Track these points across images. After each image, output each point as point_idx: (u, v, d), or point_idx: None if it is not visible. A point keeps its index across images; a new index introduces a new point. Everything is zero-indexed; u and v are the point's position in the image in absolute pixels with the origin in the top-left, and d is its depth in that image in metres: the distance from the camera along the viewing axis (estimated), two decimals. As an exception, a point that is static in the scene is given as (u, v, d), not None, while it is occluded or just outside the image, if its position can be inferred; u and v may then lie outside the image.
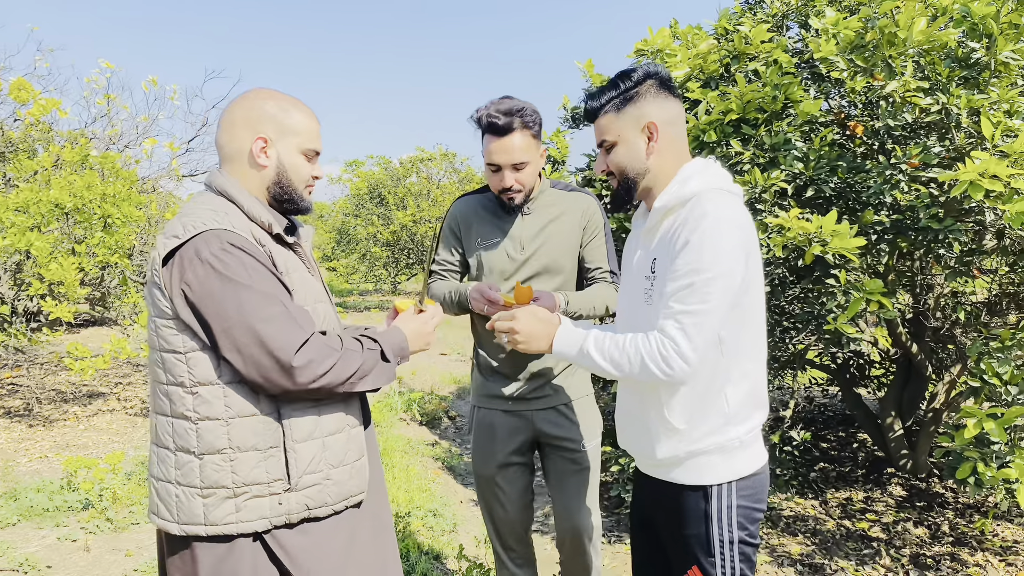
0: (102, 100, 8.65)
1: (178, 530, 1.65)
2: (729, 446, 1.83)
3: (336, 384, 1.65)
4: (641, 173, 1.88)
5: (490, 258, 2.61)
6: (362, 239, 17.17)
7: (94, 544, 3.95)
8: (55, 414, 6.59)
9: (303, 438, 1.68)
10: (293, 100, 1.80)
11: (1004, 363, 2.98)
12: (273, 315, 1.59)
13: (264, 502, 1.65)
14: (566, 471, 2.68)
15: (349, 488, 1.76)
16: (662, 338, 1.72)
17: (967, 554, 3.76)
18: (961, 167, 2.58)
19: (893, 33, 2.92)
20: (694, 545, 1.87)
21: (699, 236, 1.70)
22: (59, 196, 5.65)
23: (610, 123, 1.88)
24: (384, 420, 6.31)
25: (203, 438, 1.63)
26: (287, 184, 1.78)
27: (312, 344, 1.61)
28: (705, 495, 1.85)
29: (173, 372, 1.64)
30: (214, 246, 1.59)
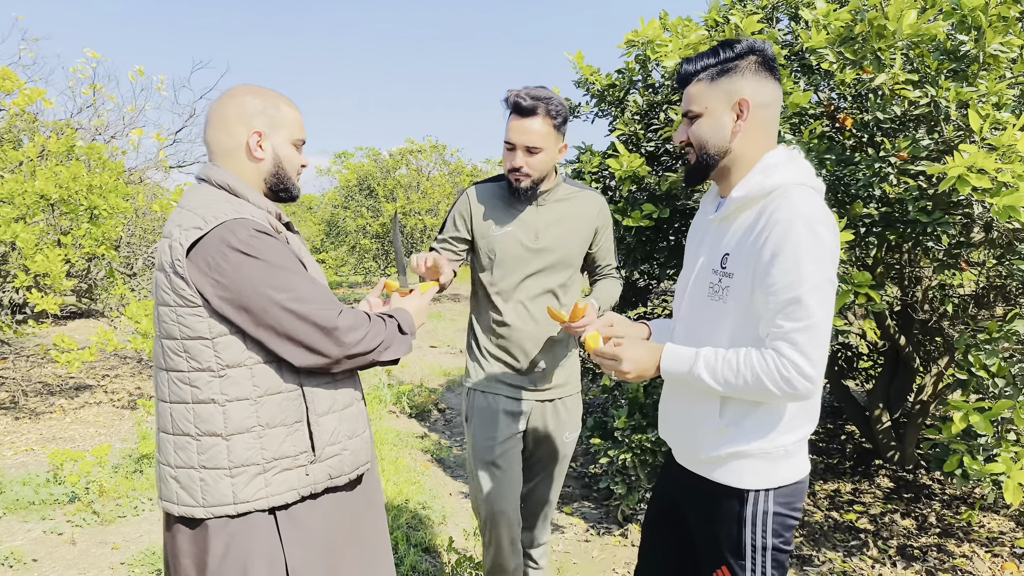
0: (88, 90, 8.57)
1: (204, 513, 1.71)
2: (775, 453, 1.79)
3: (367, 352, 1.76)
4: (722, 152, 1.79)
5: (503, 245, 2.64)
6: (351, 231, 17.09)
7: (80, 537, 3.93)
8: (41, 407, 6.54)
9: (324, 411, 1.79)
10: (278, 94, 1.90)
11: (991, 355, 2.99)
12: (310, 292, 1.69)
13: (292, 475, 1.75)
14: (545, 457, 2.84)
15: (361, 457, 1.89)
16: (780, 359, 1.64)
17: (954, 545, 3.78)
18: (950, 160, 2.58)
19: (882, 25, 2.92)
20: (725, 546, 1.84)
21: (794, 245, 1.61)
22: (45, 187, 5.59)
23: (700, 92, 1.78)
24: (374, 412, 6.30)
25: (231, 419, 1.70)
26: (283, 174, 1.88)
27: (347, 312, 1.73)
28: (741, 499, 1.81)
29: (199, 358, 1.70)
30: (242, 234, 1.66)
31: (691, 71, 1.81)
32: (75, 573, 3.56)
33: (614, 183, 4.15)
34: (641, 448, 3.81)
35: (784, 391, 1.66)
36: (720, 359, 1.73)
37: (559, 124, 2.53)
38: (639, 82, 4.29)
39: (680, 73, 1.84)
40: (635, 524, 4.09)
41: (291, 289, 1.67)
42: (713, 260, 1.82)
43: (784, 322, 1.64)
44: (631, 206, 3.82)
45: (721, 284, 1.77)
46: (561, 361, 2.75)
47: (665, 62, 3.76)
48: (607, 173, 4.13)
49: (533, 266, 2.64)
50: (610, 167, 3.74)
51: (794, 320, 1.63)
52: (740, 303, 1.73)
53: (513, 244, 2.64)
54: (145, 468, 4.80)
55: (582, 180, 4.18)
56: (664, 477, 2.14)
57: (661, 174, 4.08)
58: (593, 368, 4.93)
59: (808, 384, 1.65)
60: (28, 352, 8.58)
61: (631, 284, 4.90)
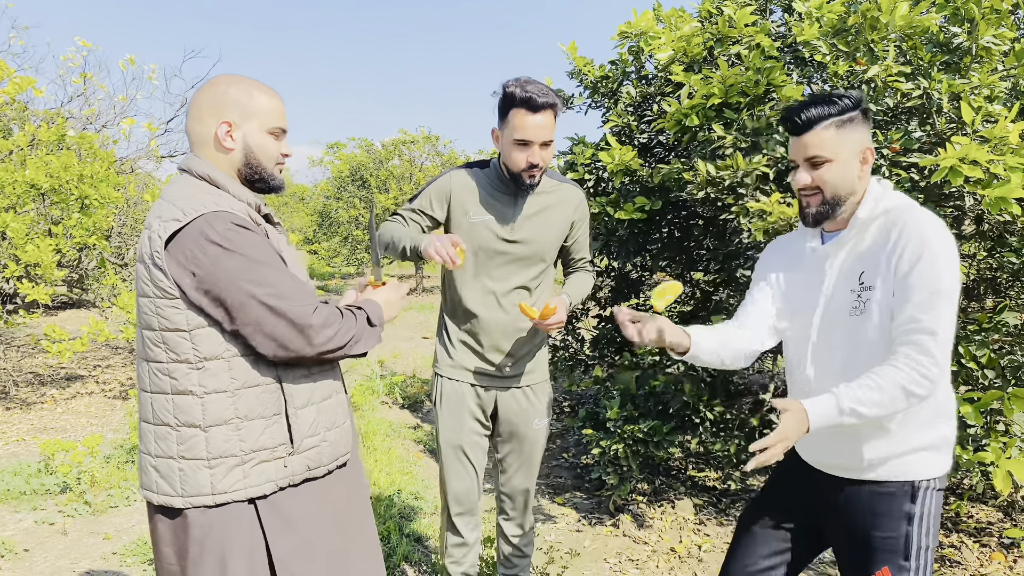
0: (79, 79, 8.52)
1: (182, 503, 1.72)
2: (938, 443, 1.89)
3: (339, 347, 1.75)
4: (849, 194, 1.91)
5: (478, 234, 2.63)
6: (344, 222, 17.06)
7: (72, 527, 3.93)
8: (32, 397, 6.52)
9: (302, 404, 1.79)
10: (256, 83, 1.86)
11: (981, 347, 3.01)
12: (285, 287, 1.69)
13: (270, 466, 1.75)
14: (517, 446, 2.84)
15: (340, 448, 1.89)
16: (917, 357, 1.74)
17: (942, 535, 3.81)
18: (942, 152, 2.59)
19: (875, 17, 2.92)
20: (888, 548, 1.87)
21: (932, 251, 1.76)
22: (35, 176, 5.56)
23: (828, 139, 1.88)
24: (366, 403, 6.30)
25: (209, 411, 1.70)
26: (256, 164, 1.85)
27: (322, 309, 1.72)
28: (912, 494, 1.87)
29: (177, 350, 1.70)
30: (220, 227, 1.65)
31: (813, 118, 1.89)
32: (67, 563, 3.56)
33: (607, 175, 4.14)
34: (633, 439, 3.82)
35: (926, 389, 1.75)
36: (861, 389, 1.77)
37: (557, 117, 2.54)
38: (632, 73, 4.29)
39: (799, 120, 1.91)
40: (627, 515, 4.10)
41: (268, 284, 1.67)
42: (849, 281, 1.92)
43: (920, 312, 1.75)
44: (624, 198, 3.82)
45: (861, 299, 1.88)
46: (529, 349, 2.75)
47: (658, 54, 3.76)
48: (600, 165, 4.13)
49: (506, 258, 2.64)
50: (602, 160, 3.74)
51: (931, 310, 1.75)
52: (883, 309, 1.84)
53: (487, 234, 2.62)
54: (136, 458, 4.80)
55: (575, 172, 4.18)
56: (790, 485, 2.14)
57: (654, 166, 4.08)
58: (585, 360, 4.94)
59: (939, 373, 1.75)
60: (19, 342, 8.55)
61: (624, 276, 4.91)
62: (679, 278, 4.83)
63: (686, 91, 3.46)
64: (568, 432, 5.67)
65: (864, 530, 1.91)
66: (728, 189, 3.27)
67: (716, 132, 3.30)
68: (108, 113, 8.97)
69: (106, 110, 8.96)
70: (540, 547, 3.77)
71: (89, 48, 8.59)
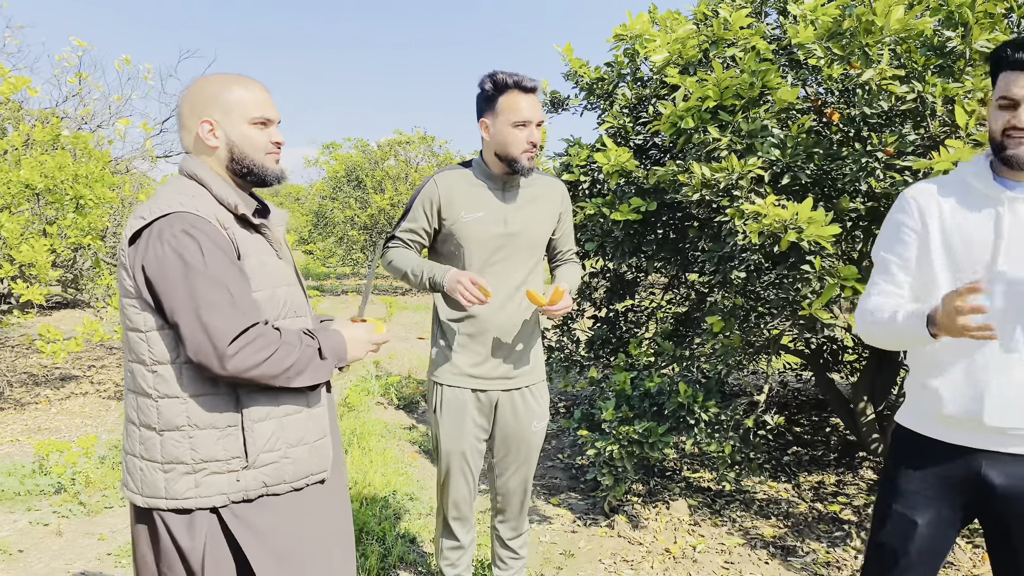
0: (74, 79, 8.50)
1: (142, 502, 1.73)
2: None
3: (270, 376, 1.68)
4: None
5: (474, 232, 2.63)
6: (339, 222, 17.02)
7: (67, 528, 3.92)
8: (27, 397, 6.51)
9: (260, 417, 1.74)
10: (234, 77, 1.83)
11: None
12: (218, 301, 1.63)
13: (222, 479, 1.71)
14: (515, 448, 2.83)
15: (308, 467, 1.82)
16: None
17: (935, 536, 3.82)
18: (936, 155, 2.60)
19: (870, 21, 2.93)
20: None
21: None
22: (30, 176, 5.55)
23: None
24: (361, 404, 6.30)
25: (163, 415, 1.70)
26: (242, 158, 1.82)
27: (249, 334, 1.65)
28: None
29: (136, 350, 1.71)
30: (176, 228, 1.65)
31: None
32: (61, 564, 3.55)
33: (602, 176, 4.16)
34: (628, 440, 3.83)
35: None
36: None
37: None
38: (628, 75, 4.30)
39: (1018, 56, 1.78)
40: (622, 515, 4.11)
41: (202, 293, 1.62)
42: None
43: None
44: (619, 199, 3.83)
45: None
46: (527, 349, 2.75)
47: (654, 56, 3.77)
48: (595, 166, 4.14)
49: (502, 253, 2.65)
50: (598, 161, 3.75)
51: None
52: None
53: (483, 231, 2.63)
54: (132, 459, 4.79)
55: (571, 173, 4.19)
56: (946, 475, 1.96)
57: (649, 168, 4.09)
58: (580, 361, 4.95)
59: None
60: (13, 342, 8.53)
61: (619, 277, 4.92)
62: (674, 279, 4.85)
63: (681, 93, 3.47)
64: (563, 433, 5.68)
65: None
66: (723, 191, 3.29)
67: (711, 134, 3.31)
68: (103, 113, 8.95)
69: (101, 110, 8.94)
70: (535, 548, 3.78)
71: (84, 48, 8.56)
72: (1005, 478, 1.87)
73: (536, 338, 2.80)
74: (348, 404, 6.22)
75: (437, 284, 2.57)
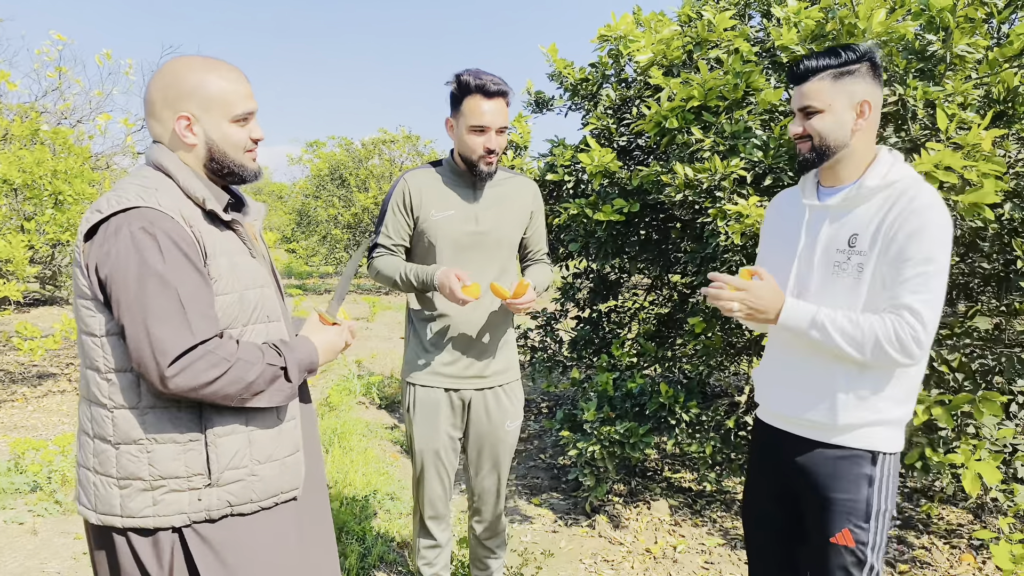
0: (53, 73, 8.42)
1: (96, 519, 1.60)
2: (903, 419, 1.97)
3: (223, 396, 1.54)
4: (840, 146, 1.94)
5: (444, 230, 2.64)
6: (323, 221, 16.98)
7: (42, 527, 3.87)
8: (3, 395, 6.43)
9: (226, 432, 1.61)
10: (213, 64, 1.67)
11: (953, 351, 3.05)
12: (167, 312, 1.50)
13: (182, 496, 1.58)
14: (488, 448, 2.81)
15: (279, 485, 1.69)
16: (901, 323, 1.81)
17: (913, 537, 3.85)
18: (917, 158, 2.62)
19: (853, 24, 2.95)
20: (849, 511, 1.95)
21: (931, 226, 1.81)
22: (7, 171, 5.49)
23: (822, 90, 1.91)
24: (343, 403, 6.27)
25: (119, 427, 1.57)
26: (222, 157, 1.69)
27: (197, 351, 1.51)
28: (873, 462, 1.95)
29: (90, 356, 1.58)
30: (135, 225, 1.51)
31: (811, 68, 1.93)
32: (36, 563, 3.51)
33: (586, 176, 4.16)
34: (610, 440, 3.83)
35: (899, 352, 1.83)
36: (840, 315, 1.88)
37: (509, 105, 2.59)
38: (612, 76, 4.31)
39: (797, 69, 1.95)
40: (603, 515, 4.11)
41: (151, 301, 1.49)
42: (838, 240, 1.97)
43: (909, 294, 1.82)
44: (602, 200, 3.84)
45: (850, 261, 1.93)
46: (500, 348, 2.75)
47: (638, 57, 3.78)
48: (579, 167, 4.14)
49: (472, 251, 2.65)
50: (582, 162, 3.75)
51: (918, 293, 1.82)
52: (876, 277, 1.89)
53: (453, 229, 2.63)
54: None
55: (555, 173, 4.19)
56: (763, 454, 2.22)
57: (633, 168, 4.10)
58: (563, 361, 4.95)
59: (919, 352, 1.83)
60: (-11, 339, 8.42)
61: (602, 278, 4.92)
62: (657, 280, 4.86)
63: (666, 94, 3.48)
64: (545, 433, 5.67)
65: (826, 493, 1.99)
66: (706, 192, 3.29)
67: (695, 135, 3.32)
68: (83, 108, 8.88)
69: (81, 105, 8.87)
70: (515, 548, 3.77)
71: (64, 42, 8.50)
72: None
73: (509, 338, 2.80)
74: (329, 403, 6.19)
75: (428, 284, 2.57)
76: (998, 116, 3.01)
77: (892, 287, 1.85)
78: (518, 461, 5.11)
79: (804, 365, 2.04)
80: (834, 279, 1.95)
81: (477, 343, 2.69)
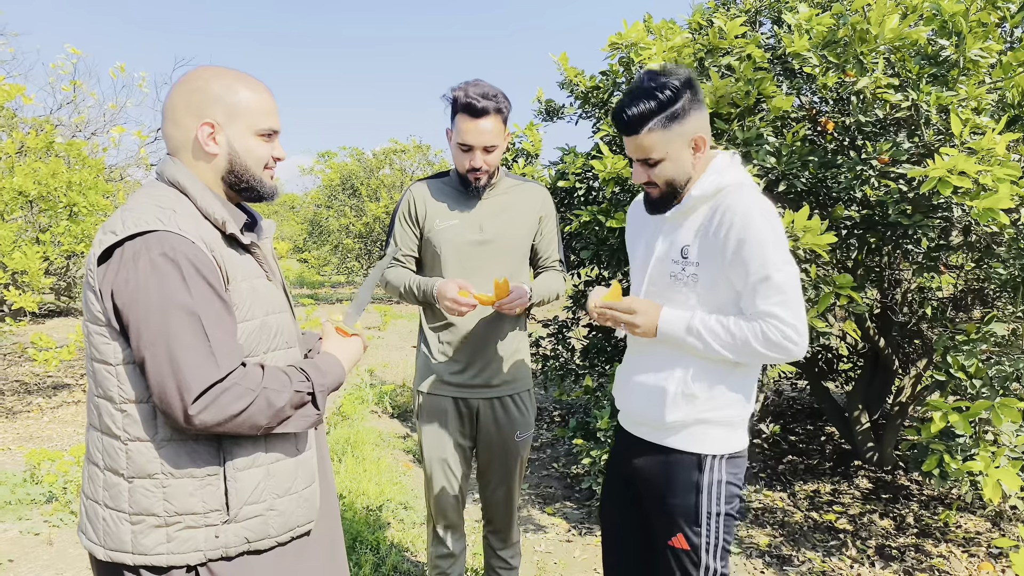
0: (68, 86, 8.51)
1: (104, 555, 1.52)
2: (735, 421, 1.97)
3: (250, 427, 1.47)
4: (686, 180, 1.96)
5: (448, 239, 2.65)
6: (334, 230, 17.04)
7: (58, 538, 3.89)
8: (18, 406, 6.47)
9: (246, 465, 1.54)
10: (241, 75, 1.61)
11: (970, 357, 3.03)
12: (192, 345, 1.42)
13: (199, 533, 1.51)
14: (498, 459, 2.79)
15: (296, 519, 1.62)
16: (767, 324, 1.84)
17: (931, 545, 3.82)
18: (930, 163, 2.61)
19: (865, 30, 2.94)
20: (681, 514, 1.97)
21: (756, 234, 1.82)
22: (23, 183, 5.54)
23: (656, 142, 1.89)
24: (355, 413, 6.28)
25: (133, 460, 1.49)
26: (242, 171, 1.61)
27: (223, 384, 1.43)
28: (699, 465, 1.97)
29: (104, 385, 1.50)
30: (155, 251, 1.42)
31: (637, 118, 1.88)
32: (52, 573, 3.52)
33: (598, 184, 4.15)
34: (623, 448, 3.81)
35: (769, 352, 1.85)
36: (711, 319, 1.90)
37: (506, 118, 2.58)
38: (623, 84, 4.31)
39: (623, 121, 1.91)
40: (617, 524, 4.10)
41: (175, 333, 1.41)
42: (672, 251, 1.99)
43: (761, 301, 1.84)
44: (615, 207, 3.83)
45: (685, 272, 1.95)
46: (509, 358, 2.74)
47: (649, 65, 3.77)
48: (591, 174, 4.14)
49: (478, 260, 2.65)
50: (594, 168, 3.75)
51: (768, 298, 1.83)
52: (710, 287, 1.92)
53: (457, 238, 2.64)
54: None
55: (566, 180, 4.19)
56: (615, 458, 2.24)
57: (645, 175, 4.09)
58: (575, 369, 4.94)
59: (799, 341, 1.85)
60: (5, 350, 8.48)
61: (614, 285, 4.90)
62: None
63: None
64: (558, 442, 5.66)
65: (661, 496, 2.02)
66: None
67: (707, 142, 3.31)
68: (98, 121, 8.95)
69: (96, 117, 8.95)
70: (529, 557, 3.76)
71: (79, 56, 8.58)
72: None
73: (520, 347, 2.79)
74: (342, 413, 6.20)
75: (429, 296, 2.59)
76: (1012, 120, 3.00)
77: (745, 297, 1.87)
78: (531, 470, 5.10)
79: (644, 364, 2.07)
80: (671, 289, 1.99)
81: (484, 352, 2.69)
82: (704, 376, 1.95)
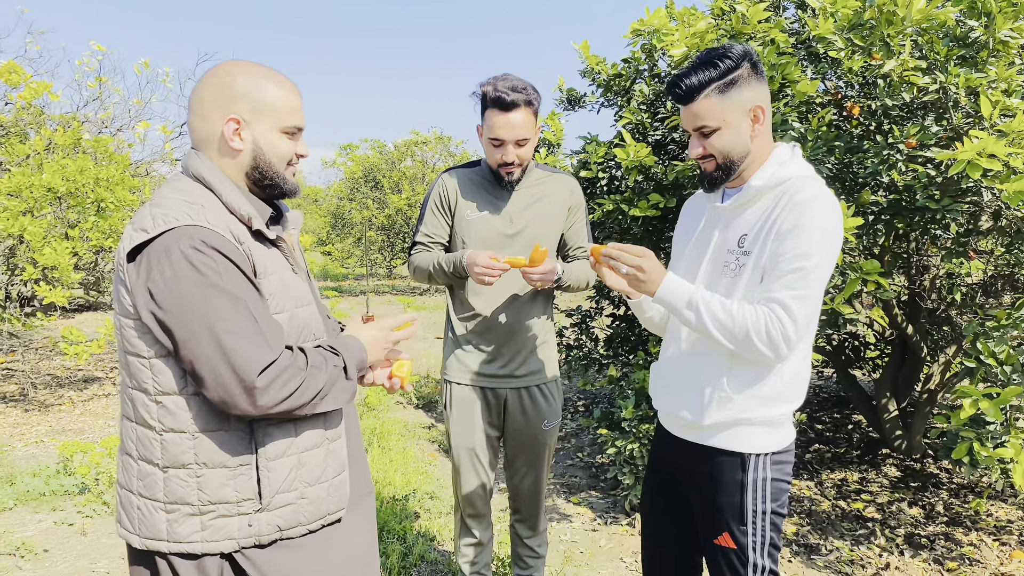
0: (94, 83, 8.59)
1: (139, 543, 1.56)
2: (776, 420, 1.92)
3: (298, 407, 1.51)
4: (744, 156, 1.89)
5: (478, 231, 2.66)
6: (357, 223, 17.11)
7: (91, 528, 3.95)
8: (50, 399, 6.57)
9: (277, 455, 1.56)
10: (268, 72, 1.62)
11: (1000, 343, 2.98)
12: (242, 328, 1.44)
13: (232, 522, 1.54)
14: (526, 449, 2.80)
15: (327, 506, 1.65)
16: (772, 316, 1.77)
17: (961, 534, 3.78)
18: (959, 146, 2.57)
19: (892, 12, 2.90)
20: (727, 513, 1.95)
21: (809, 221, 1.76)
22: (52, 180, 5.61)
23: (713, 107, 1.84)
24: (381, 403, 6.32)
25: (168, 450, 1.52)
26: (267, 168, 1.62)
27: (279, 364, 1.47)
28: (743, 464, 1.93)
29: (138, 377, 1.53)
30: (185, 244, 1.43)
31: (695, 86, 1.84)
32: (86, 563, 3.58)
33: (620, 173, 4.14)
34: (648, 438, 3.81)
35: (766, 347, 1.78)
36: (716, 300, 1.84)
37: (537, 110, 2.57)
38: (645, 71, 4.28)
39: (681, 90, 1.87)
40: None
41: (222, 320, 1.43)
42: (729, 241, 1.93)
43: (784, 288, 1.77)
44: (637, 196, 3.82)
45: (738, 263, 1.89)
46: (536, 348, 2.75)
47: (672, 51, 3.75)
48: (613, 163, 4.12)
49: (506, 251, 2.64)
50: (616, 156, 3.73)
51: (794, 288, 1.76)
52: (753, 278, 1.85)
53: (487, 229, 2.65)
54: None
55: (588, 170, 4.18)
56: (658, 456, 2.21)
57: (668, 163, 4.07)
58: (599, 359, 4.93)
59: (786, 350, 1.78)
60: (36, 344, 8.62)
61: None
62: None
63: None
64: (583, 431, 5.66)
65: (705, 495, 1.99)
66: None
67: (730, 129, 3.28)
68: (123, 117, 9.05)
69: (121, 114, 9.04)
70: (556, 546, 3.76)
71: (104, 52, 8.67)
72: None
73: (547, 337, 2.79)
74: (368, 404, 6.24)
75: (459, 268, 2.57)
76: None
77: (767, 281, 1.81)
78: (556, 460, 5.11)
79: (681, 362, 2.04)
80: (720, 280, 1.93)
81: (512, 342, 2.70)
82: (739, 375, 1.90)
